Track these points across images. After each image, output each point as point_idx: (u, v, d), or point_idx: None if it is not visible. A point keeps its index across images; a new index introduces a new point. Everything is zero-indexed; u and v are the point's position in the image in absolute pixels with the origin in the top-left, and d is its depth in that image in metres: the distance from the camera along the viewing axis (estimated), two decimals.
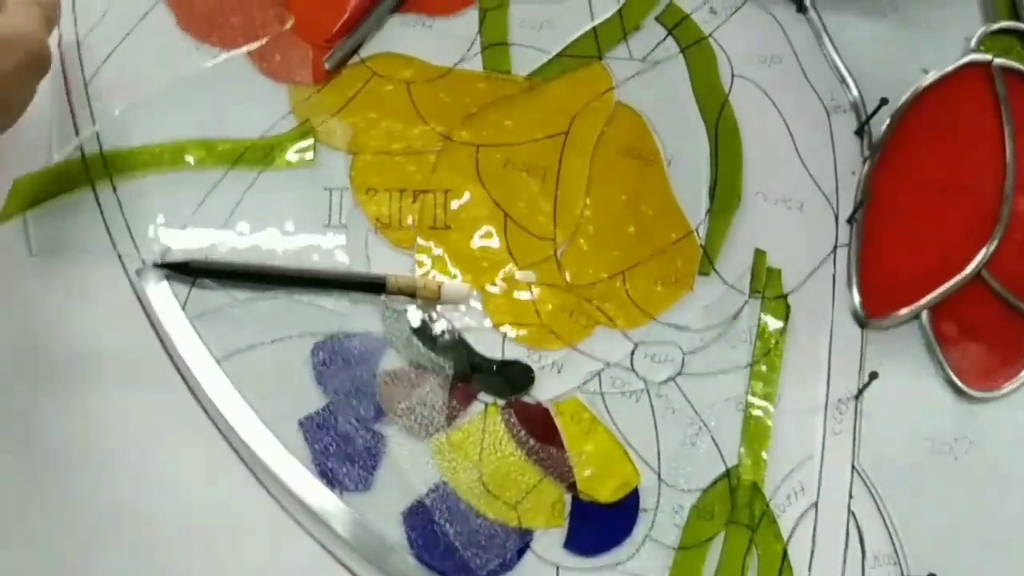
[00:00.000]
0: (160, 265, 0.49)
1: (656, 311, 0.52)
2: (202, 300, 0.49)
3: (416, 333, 0.50)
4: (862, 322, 0.53)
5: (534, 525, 0.48)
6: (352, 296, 0.50)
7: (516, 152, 0.54)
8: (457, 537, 0.47)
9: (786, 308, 0.53)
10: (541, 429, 0.49)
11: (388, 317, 0.50)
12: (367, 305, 0.50)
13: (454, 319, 0.51)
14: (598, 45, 0.56)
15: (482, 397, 0.50)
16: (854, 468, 0.51)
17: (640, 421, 0.50)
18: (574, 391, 0.50)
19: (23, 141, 0.51)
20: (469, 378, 0.50)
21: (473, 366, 0.50)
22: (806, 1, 0.58)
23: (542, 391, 0.50)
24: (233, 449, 0.48)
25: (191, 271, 0.49)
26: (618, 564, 0.48)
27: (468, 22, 0.56)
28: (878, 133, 0.55)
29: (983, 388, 0.52)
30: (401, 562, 0.47)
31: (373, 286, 0.50)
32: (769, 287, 0.53)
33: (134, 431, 0.47)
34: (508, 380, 0.50)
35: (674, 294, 0.53)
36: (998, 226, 0.54)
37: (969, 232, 0.54)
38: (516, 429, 0.49)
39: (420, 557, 0.47)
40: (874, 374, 0.51)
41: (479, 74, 0.55)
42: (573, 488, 0.49)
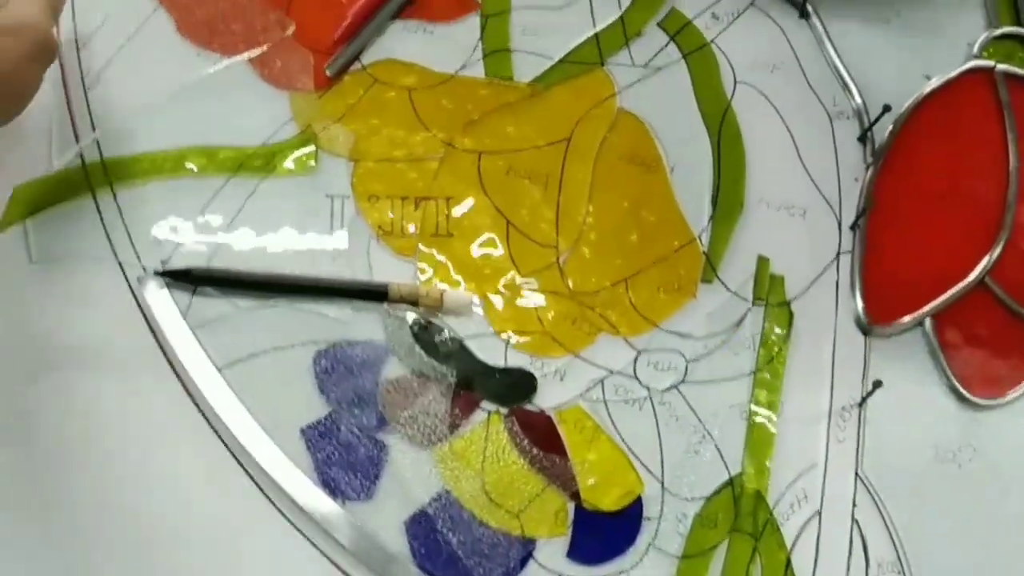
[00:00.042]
0: (161, 273, 0.49)
1: (659, 318, 0.52)
2: (203, 308, 0.49)
3: (418, 341, 0.50)
4: (865, 329, 0.53)
5: (537, 534, 0.48)
6: (354, 304, 0.50)
7: (518, 159, 0.54)
8: (460, 546, 0.47)
9: (789, 315, 0.53)
10: (544, 437, 0.49)
11: (390, 325, 0.50)
12: (369, 313, 0.50)
13: (456, 327, 0.50)
14: (600, 51, 0.56)
15: (485, 405, 0.49)
16: (858, 476, 0.50)
17: (643, 429, 0.50)
18: (577, 399, 0.50)
19: (23, 148, 0.51)
20: (472, 386, 0.50)
21: (476, 374, 0.50)
22: (808, 7, 0.58)
23: (545, 399, 0.50)
24: (235, 458, 0.47)
25: (192, 279, 0.49)
26: (621, 573, 0.48)
27: (470, 28, 0.56)
28: (881, 139, 0.55)
29: (987, 396, 0.52)
30: (404, 572, 0.47)
31: (375, 294, 0.50)
32: (772, 294, 0.53)
33: (135, 439, 0.47)
34: (511, 388, 0.50)
35: (677, 301, 0.52)
36: (1001, 232, 0.54)
37: (972, 239, 0.54)
38: (519, 437, 0.49)
39: (423, 567, 0.47)
40: (878, 383, 0.51)
41: (481, 81, 0.55)
42: (576, 497, 0.49)
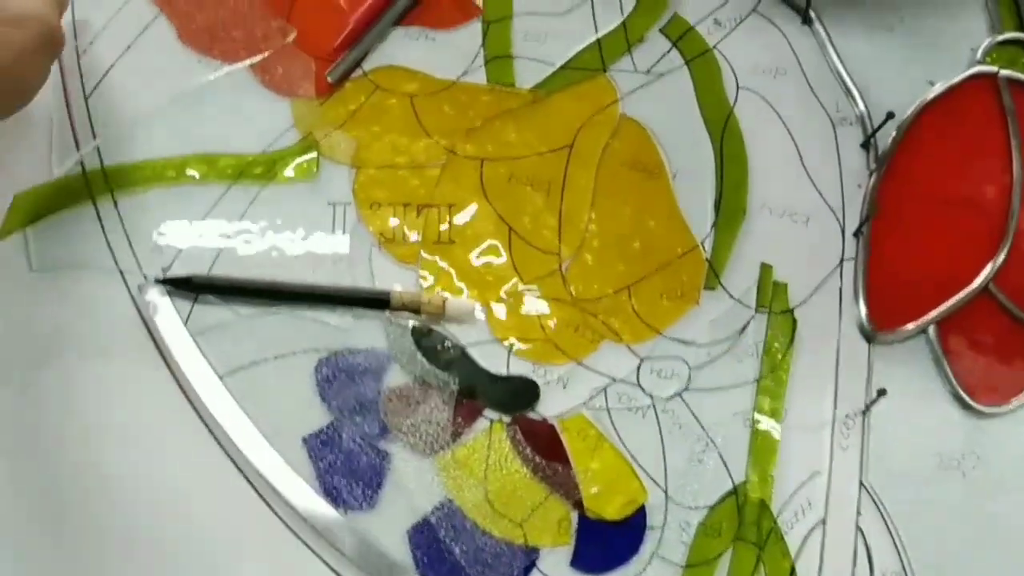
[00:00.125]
0: (162, 281, 0.49)
1: (662, 326, 0.52)
2: (204, 316, 0.49)
3: (420, 349, 0.50)
4: (869, 336, 0.53)
5: (540, 543, 0.48)
6: (356, 312, 0.50)
7: (520, 165, 0.54)
8: (463, 555, 0.47)
9: (793, 322, 0.52)
10: (547, 446, 0.49)
11: (392, 333, 0.50)
12: (371, 321, 0.50)
13: (459, 334, 0.50)
14: (602, 57, 0.56)
15: (487, 413, 0.49)
16: (862, 484, 0.50)
17: (647, 437, 0.50)
18: (580, 407, 0.50)
19: (23, 156, 0.50)
20: (474, 394, 0.49)
21: (478, 382, 0.50)
22: (811, 13, 0.58)
23: (547, 407, 0.50)
24: (236, 466, 0.47)
25: (193, 287, 0.49)
26: None
27: (471, 34, 0.56)
28: (884, 146, 0.55)
29: (991, 403, 0.52)
30: None
31: (377, 302, 0.50)
32: (775, 301, 0.53)
33: (136, 447, 0.47)
34: (513, 396, 0.50)
35: (680, 308, 0.52)
36: (1005, 239, 0.54)
37: (976, 245, 0.54)
38: (522, 446, 0.49)
39: None
40: (883, 391, 0.51)
41: (483, 87, 0.55)
42: (579, 505, 0.48)
